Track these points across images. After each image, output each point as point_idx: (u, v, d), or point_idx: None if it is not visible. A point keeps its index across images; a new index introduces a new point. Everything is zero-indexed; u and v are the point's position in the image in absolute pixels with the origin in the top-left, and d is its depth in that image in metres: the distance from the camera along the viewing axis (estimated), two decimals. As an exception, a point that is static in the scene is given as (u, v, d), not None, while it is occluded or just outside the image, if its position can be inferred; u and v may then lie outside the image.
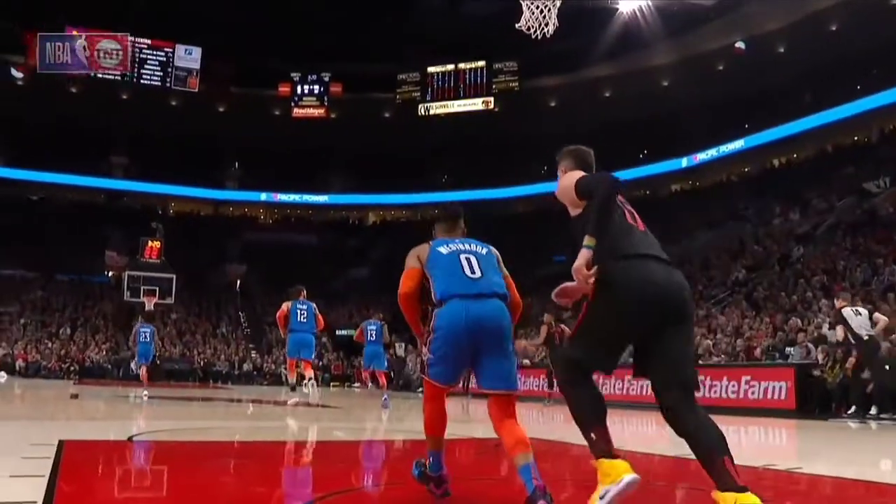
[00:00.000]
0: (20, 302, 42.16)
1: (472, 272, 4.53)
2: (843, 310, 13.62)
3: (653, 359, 3.98)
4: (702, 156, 46.52)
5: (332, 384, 36.42)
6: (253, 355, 39.95)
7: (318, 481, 5.76)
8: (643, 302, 3.95)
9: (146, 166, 53.74)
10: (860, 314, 13.59)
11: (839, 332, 13.68)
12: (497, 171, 52.48)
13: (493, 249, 4.82)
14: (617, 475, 3.71)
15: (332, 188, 57.76)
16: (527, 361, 24.27)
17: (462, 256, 4.61)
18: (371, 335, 17.67)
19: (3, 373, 30.48)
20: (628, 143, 48.01)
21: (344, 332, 41.88)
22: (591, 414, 3.97)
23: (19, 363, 33.15)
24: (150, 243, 35.72)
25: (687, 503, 5.15)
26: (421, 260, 4.66)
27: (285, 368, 20.39)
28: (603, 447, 3.83)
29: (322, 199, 58.17)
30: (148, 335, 19.17)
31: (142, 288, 33.54)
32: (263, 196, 57.72)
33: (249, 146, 54.64)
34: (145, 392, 18.19)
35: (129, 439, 8.07)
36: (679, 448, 4.19)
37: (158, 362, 23.02)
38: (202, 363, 37.22)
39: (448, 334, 4.37)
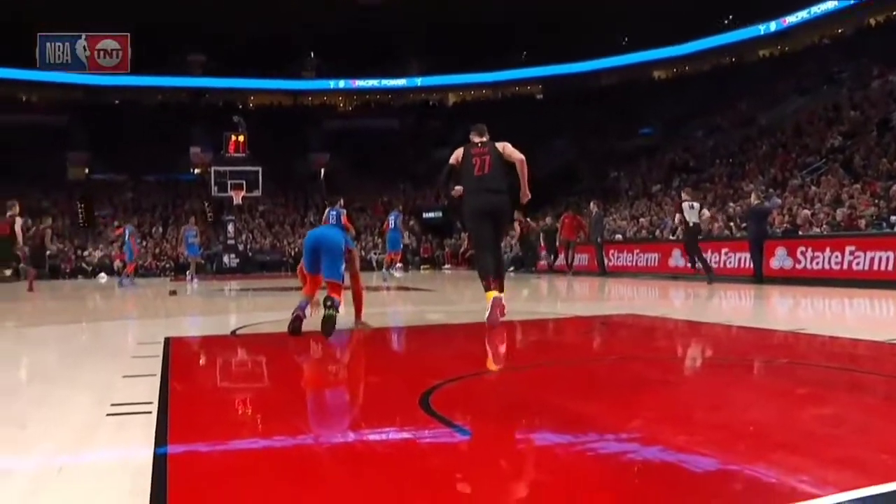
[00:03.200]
0: (112, 204, 43.17)
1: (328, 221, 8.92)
2: (683, 203, 17.70)
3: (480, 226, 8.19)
4: (791, 18, 44.69)
5: (422, 267, 36.56)
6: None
7: (429, 369, 5.65)
8: (475, 211, 8.14)
9: (224, 63, 54.00)
10: (693, 207, 17.70)
11: (677, 218, 18.35)
12: (578, 44, 51.21)
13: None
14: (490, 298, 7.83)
15: (410, 71, 57.25)
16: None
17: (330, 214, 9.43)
18: (391, 223, 21.86)
19: (103, 273, 31.27)
20: (712, 9, 46.35)
21: (431, 215, 41.93)
22: (485, 270, 8.06)
23: (117, 263, 33.81)
24: (233, 138, 35.76)
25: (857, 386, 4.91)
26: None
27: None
28: (487, 286, 7.92)
29: (400, 82, 57.80)
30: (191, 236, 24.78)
31: (229, 182, 33.71)
32: (341, 83, 57.59)
33: (324, 34, 54.29)
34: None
35: (233, 333, 8.08)
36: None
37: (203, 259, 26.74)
38: (293, 253, 37.57)
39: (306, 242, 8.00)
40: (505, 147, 8.25)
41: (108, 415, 3.94)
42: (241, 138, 35.82)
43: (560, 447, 3.25)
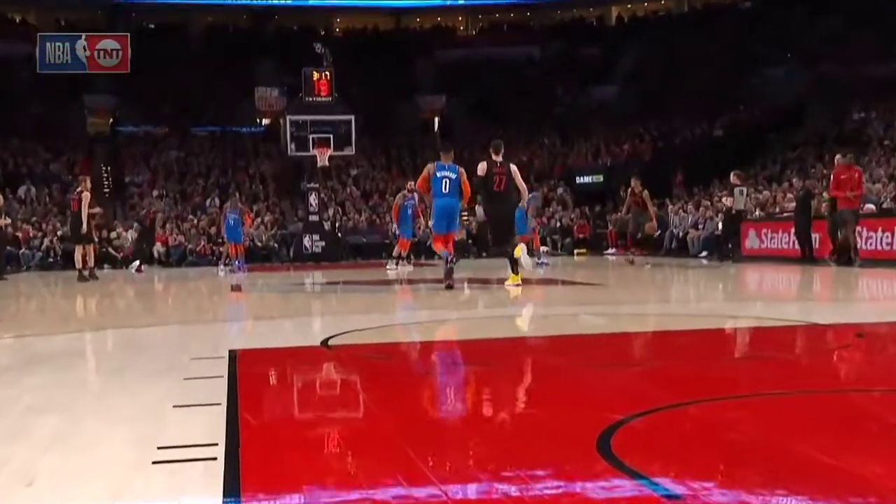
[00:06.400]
0: (149, 167, 43.42)
1: (445, 189, 15.66)
2: (735, 188, 25.32)
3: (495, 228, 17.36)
4: None
5: (575, 251, 35.93)
6: (464, 217, 39.79)
7: (604, 397, 5.47)
8: (494, 219, 16.89)
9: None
10: (742, 193, 25.56)
11: (727, 200, 26.07)
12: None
13: (459, 170, 16.19)
14: (515, 280, 16.32)
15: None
16: None
17: (443, 179, 15.69)
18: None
19: (136, 262, 29.67)
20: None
21: (587, 180, 41.50)
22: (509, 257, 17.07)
23: (158, 248, 33.82)
24: (315, 76, 35.92)
25: None
26: (430, 172, 15.92)
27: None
28: (515, 270, 16.40)
29: (544, -7, 57.53)
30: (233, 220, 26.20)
31: (310, 137, 33.89)
32: (462, -2, 57.63)
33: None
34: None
35: (325, 344, 8.04)
36: None
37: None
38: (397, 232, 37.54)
39: (436, 210, 16.40)
40: (515, 172, 15.78)
41: (154, 462, 3.90)
42: (325, 76, 36.02)
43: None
